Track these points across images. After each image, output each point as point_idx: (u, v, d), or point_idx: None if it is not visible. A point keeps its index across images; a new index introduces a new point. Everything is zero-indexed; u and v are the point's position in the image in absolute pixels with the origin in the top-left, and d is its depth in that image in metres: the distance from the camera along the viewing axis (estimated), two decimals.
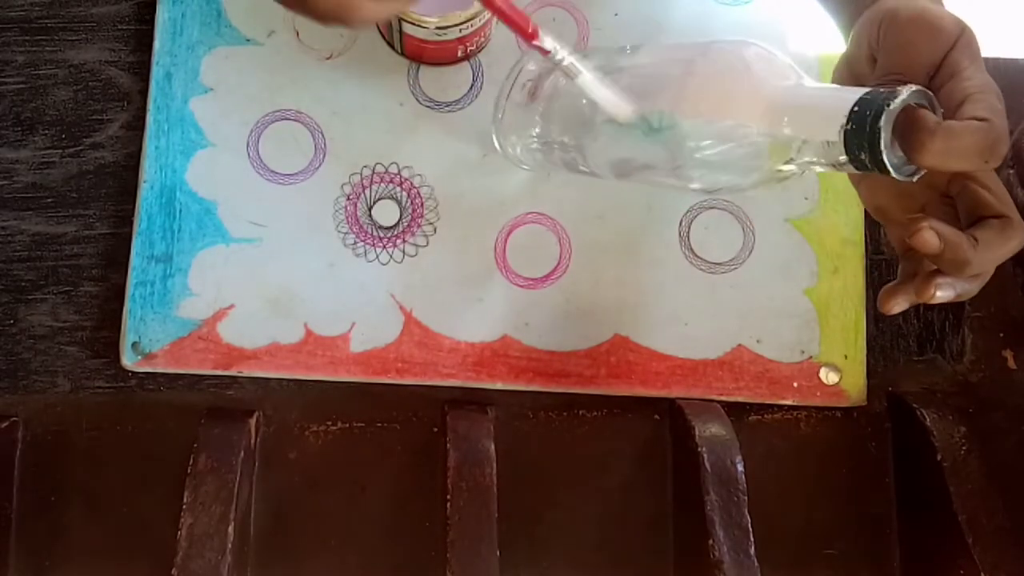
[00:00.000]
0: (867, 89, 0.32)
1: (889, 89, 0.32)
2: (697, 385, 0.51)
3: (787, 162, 0.35)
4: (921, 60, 0.36)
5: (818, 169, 0.35)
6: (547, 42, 0.39)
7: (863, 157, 0.32)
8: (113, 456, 0.49)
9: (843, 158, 0.33)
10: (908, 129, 0.32)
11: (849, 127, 0.32)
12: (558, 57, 0.39)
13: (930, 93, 0.33)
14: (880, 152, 0.31)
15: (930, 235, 0.34)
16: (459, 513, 0.45)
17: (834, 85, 0.36)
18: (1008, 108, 0.35)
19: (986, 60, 0.36)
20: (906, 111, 0.32)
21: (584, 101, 0.42)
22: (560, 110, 0.44)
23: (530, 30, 0.39)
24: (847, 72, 0.41)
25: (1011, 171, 0.53)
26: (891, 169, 0.32)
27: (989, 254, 0.35)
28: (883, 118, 0.31)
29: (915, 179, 0.33)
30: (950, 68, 0.36)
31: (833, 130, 0.32)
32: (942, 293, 0.36)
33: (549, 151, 0.47)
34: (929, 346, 0.54)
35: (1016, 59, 0.56)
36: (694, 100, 0.37)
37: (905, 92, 0.31)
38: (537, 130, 0.46)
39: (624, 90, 0.40)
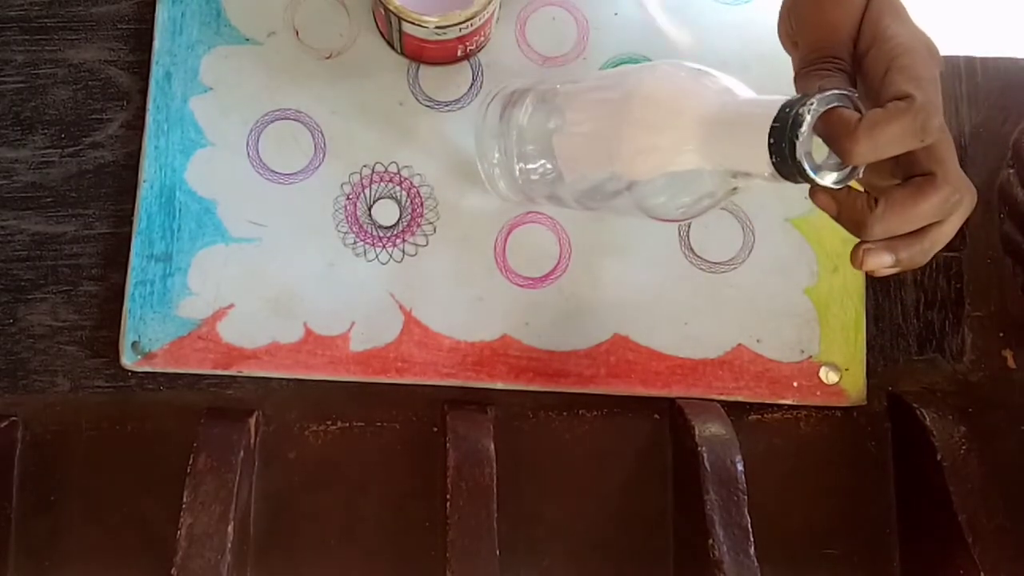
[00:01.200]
0: (778, 105, 0.31)
1: (795, 110, 0.30)
2: (697, 385, 0.51)
3: (736, 179, 0.35)
4: (837, 33, 0.35)
5: (762, 182, 0.35)
6: None
7: (800, 181, 0.32)
8: (113, 456, 0.49)
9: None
10: (829, 136, 0.31)
11: (775, 160, 0.31)
12: None
13: (838, 92, 0.32)
14: (811, 178, 0.31)
15: (824, 195, 0.34)
16: (459, 513, 0.45)
17: (753, 101, 0.34)
18: (1008, 108, 0.35)
19: (985, 60, 0.35)
20: (823, 117, 0.31)
21: (545, 130, 0.42)
22: (530, 142, 0.44)
23: None
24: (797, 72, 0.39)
25: (1011, 171, 0.53)
26: (831, 184, 0.32)
27: (897, 214, 0.33)
28: (799, 148, 0.30)
29: (861, 175, 0.33)
30: (870, 31, 0.34)
31: (763, 164, 0.32)
32: (873, 259, 0.34)
33: (530, 185, 0.46)
34: (929, 346, 0.54)
35: (1016, 59, 0.56)
36: (632, 157, 0.36)
37: (808, 115, 0.30)
38: (518, 163, 0.46)
39: (566, 154, 0.40)
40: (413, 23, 0.47)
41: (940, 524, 0.47)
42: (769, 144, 0.31)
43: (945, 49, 0.37)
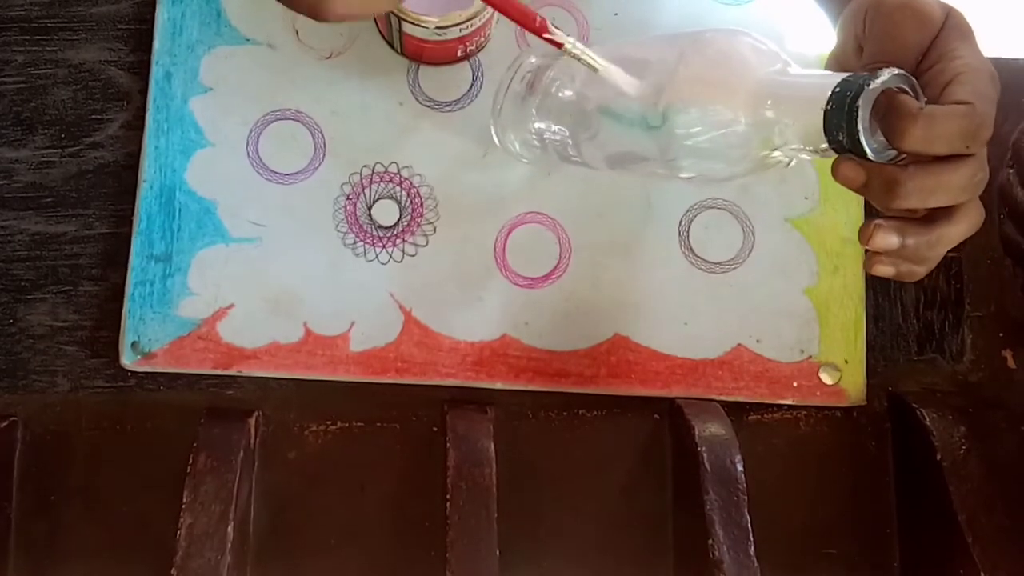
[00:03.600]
0: (850, 73, 0.32)
1: (871, 72, 0.32)
2: (697, 385, 0.51)
3: (773, 148, 0.35)
4: (908, 47, 0.36)
5: (804, 156, 0.35)
6: (558, 35, 0.39)
7: (841, 138, 0.32)
8: (113, 456, 0.49)
9: (824, 145, 0.33)
10: (889, 114, 0.32)
11: (829, 107, 0.31)
12: (574, 50, 0.39)
13: (912, 78, 0.33)
14: (857, 132, 0.31)
15: (851, 165, 0.34)
16: (459, 513, 0.45)
17: (819, 71, 0.35)
18: (1008, 108, 0.35)
19: None
20: (888, 96, 0.32)
21: (579, 95, 0.42)
22: (557, 103, 0.45)
23: (537, 24, 0.39)
24: (836, 67, 0.40)
25: (1011, 171, 0.53)
26: (868, 151, 0.32)
27: (929, 176, 0.33)
28: (861, 98, 0.31)
29: (895, 162, 0.33)
30: (939, 50, 0.35)
31: (814, 112, 0.32)
32: (881, 236, 0.35)
33: (546, 144, 0.47)
34: (929, 346, 0.54)
35: (1016, 59, 0.56)
36: (682, 87, 0.37)
37: (886, 74, 0.31)
38: (535, 124, 0.46)
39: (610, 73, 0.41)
40: (413, 23, 0.47)
41: (940, 524, 0.47)
42: (833, 92, 0.31)
43: None
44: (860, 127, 0.31)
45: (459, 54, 0.51)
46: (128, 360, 0.49)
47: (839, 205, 0.53)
